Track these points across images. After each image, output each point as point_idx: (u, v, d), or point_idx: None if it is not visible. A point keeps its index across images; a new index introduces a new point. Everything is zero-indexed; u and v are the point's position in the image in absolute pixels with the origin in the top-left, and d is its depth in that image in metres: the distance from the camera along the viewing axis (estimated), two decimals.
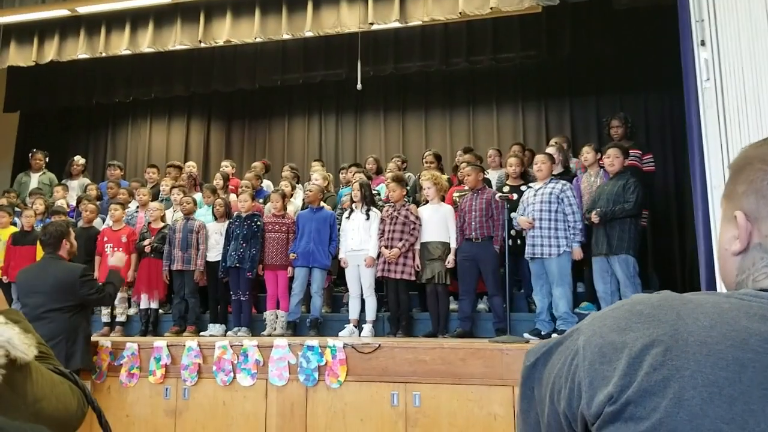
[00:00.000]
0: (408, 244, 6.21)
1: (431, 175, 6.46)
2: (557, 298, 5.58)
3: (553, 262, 5.62)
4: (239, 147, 11.27)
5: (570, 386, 0.94)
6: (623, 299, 1.01)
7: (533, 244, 5.73)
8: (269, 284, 6.74)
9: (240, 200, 6.96)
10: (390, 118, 10.52)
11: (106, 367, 5.73)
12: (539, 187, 5.85)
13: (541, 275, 5.73)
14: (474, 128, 10.04)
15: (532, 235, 5.74)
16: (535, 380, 1.06)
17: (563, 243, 5.65)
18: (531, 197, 5.86)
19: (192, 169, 8.94)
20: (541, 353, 1.05)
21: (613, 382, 0.88)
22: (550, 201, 5.72)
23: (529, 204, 5.84)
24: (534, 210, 5.76)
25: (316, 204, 6.77)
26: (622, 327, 0.92)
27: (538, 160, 5.96)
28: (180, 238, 6.99)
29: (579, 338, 0.97)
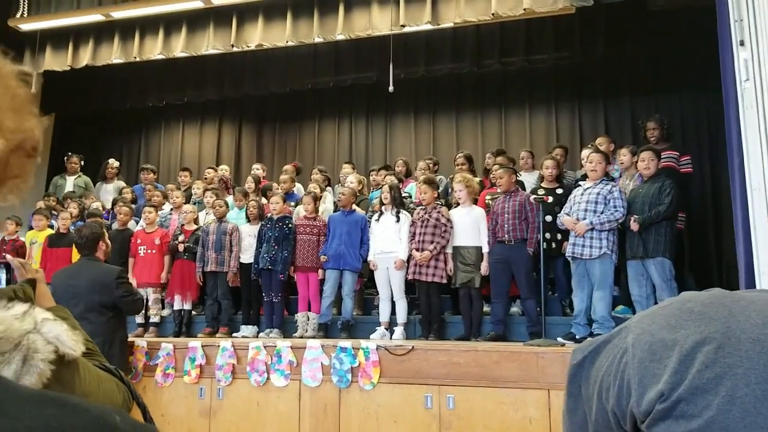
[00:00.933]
0: (439, 246, 6.22)
1: (463, 177, 6.47)
2: (597, 301, 5.54)
3: (596, 264, 5.59)
4: (270, 150, 11.37)
5: (619, 384, 0.95)
6: (671, 297, 1.01)
7: (575, 243, 5.71)
8: (300, 286, 6.79)
9: (271, 203, 7.03)
10: (420, 121, 10.54)
11: (142, 367, 5.83)
12: (588, 187, 5.81)
13: (582, 277, 5.70)
14: (506, 130, 10.01)
15: (575, 234, 5.71)
16: (582, 378, 1.06)
17: (605, 245, 5.61)
18: (578, 196, 5.83)
19: (224, 173, 9.05)
20: (589, 351, 1.05)
21: (664, 380, 0.88)
22: (596, 201, 5.69)
23: (575, 203, 5.81)
24: (579, 209, 5.73)
25: (349, 207, 6.81)
26: (673, 324, 0.92)
27: (594, 160, 5.91)
28: (213, 240, 7.07)
29: (628, 336, 0.97)
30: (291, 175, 8.39)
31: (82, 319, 4.77)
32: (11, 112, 0.60)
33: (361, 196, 7.72)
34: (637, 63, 9.02)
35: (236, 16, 7.81)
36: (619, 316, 5.88)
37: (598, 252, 5.59)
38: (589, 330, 5.63)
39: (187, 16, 7.98)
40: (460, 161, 7.83)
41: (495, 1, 6.58)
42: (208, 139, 11.55)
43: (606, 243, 5.60)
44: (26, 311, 1.27)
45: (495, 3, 6.57)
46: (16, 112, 0.61)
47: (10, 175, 0.59)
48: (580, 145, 9.06)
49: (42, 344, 1.25)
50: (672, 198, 5.57)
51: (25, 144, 0.61)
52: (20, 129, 0.60)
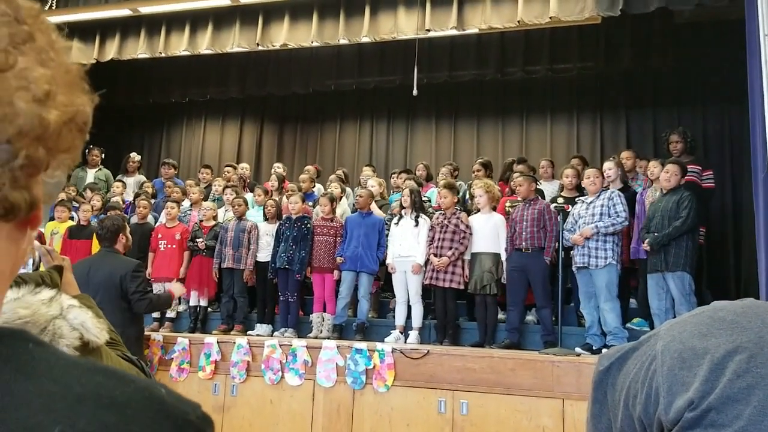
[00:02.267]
0: (457, 252, 6.22)
1: (484, 183, 6.48)
2: (605, 312, 5.54)
3: (599, 274, 5.60)
4: (291, 150, 11.43)
5: (647, 391, 0.95)
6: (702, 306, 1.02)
7: (583, 253, 5.74)
8: (316, 287, 6.83)
9: (290, 202, 7.06)
10: (441, 126, 10.56)
11: (157, 360, 5.89)
12: (590, 201, 5.84)
13: (588, 288, 5.70)
14: (527, 139, 10.01)
15: (583, 245, 5.72)
16: (608, 385, 1.06)
17: (610, 255, 5.62)
18: (582, 211, 5.86)
19: (245, 171, 9.11)
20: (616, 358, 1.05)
21: (694, 388, 0.88)
22: (601, 213, 5.73)
23: (580, 217, 5.83)
24: (585, 223, 5.75)
25: (366, 209, 6.83)
26: (704, 333, 0.92)
27: (591, 174, 5.95)
28: (231, 237, 7.12)
29: (657, 343, 0.97)
30: (311, 175, 8.43)
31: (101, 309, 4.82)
32: (64, 86, 0.62)
33: (382, 200, 7.74)
34: (661, 75, 8.99)
35: (262, 14, 7.86)
36: (635, 328, 5.86)
37: (604, 262, 5.60)
38: (605, 341, 5.61)
39: (214, 13, 8.04)
40: (476, 168, 7.82)
41: (521, 9, 6.58)
42: (229, 136, 11.63)
43: (611, 253, 5.63)
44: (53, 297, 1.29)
45: (521, 10, 6.58)
46: (68, 86, 0.62)
47: (62, 149, 0.61)
48: (600, 156, 9.04)
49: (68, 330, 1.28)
50: (689, 212, 5.54)
51: (77, 118, 0.62)
52: (73, 103, 0.62)
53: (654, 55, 8.51)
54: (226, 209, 7.91)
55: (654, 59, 8.55)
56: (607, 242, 5.65)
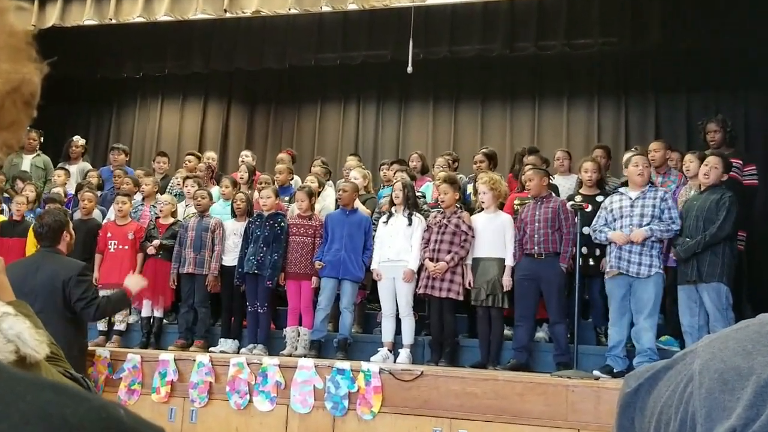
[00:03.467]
0: (457, 257, 6.24)
1: (489, 177, 6.48)
2: (642, 330, 5.53)
3: (644, 285, 5.59)
4: (263, 136, 11.41)
5: (681, 417, 0.95)
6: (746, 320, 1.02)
7: (620, 257, 5.72)
8: (291, 296, 6.81)
9: (262, 196, 7.05)
10: (440, 109, 10.57)
11: (104, 380, 5.86)
12: (637, 196, 5.83)
13: (624, 300, 5.70)
14: (539, 126, 10.04)
15: (624, 247, 5.72)
16: (636, 409, 1.07)
17: (657, 263, 5.62)
18: (627, 207, 5.83)
19: (211, 161, 9.09)
20: (645, 378, 1.05)
21: (737, 414, 0.88)
22: (652, 214, 5.71)
23: (624, 215, 5.81)
24: (632, 224, 5.73)
25: (350, 205, 6.83)
26: (749, 350, 0.92)
27: (639, 163, 5.93)
28: (193, 237, 7.11)
29: (694, 362, 0.97)
30: (288, 165, 8.40)
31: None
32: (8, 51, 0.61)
33: (367, 195, 7.75)
34: (696, 55, 9.02)
35: None
36: (664, 347, 5.88)
37: (649, 270, 5.59)
38: (628, 363, 5.63)
39: None
40: (478, 159, 7.85)
41: None
42: (190, 118, 11.59)
43: (657, 261, 5.63)
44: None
45: None
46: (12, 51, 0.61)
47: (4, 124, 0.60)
48: (625, 147, 9.08)
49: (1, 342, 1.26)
50: (728, 215, 5.54)
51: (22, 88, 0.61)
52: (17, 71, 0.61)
53: (688, 31, 8.54)
54: (186, 204, 7.89)
55: (688, 36, 8.58)
56: (654, 248, 5.67)
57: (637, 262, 5.64)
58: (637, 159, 6.01)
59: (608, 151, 7.91)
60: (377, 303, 7.08)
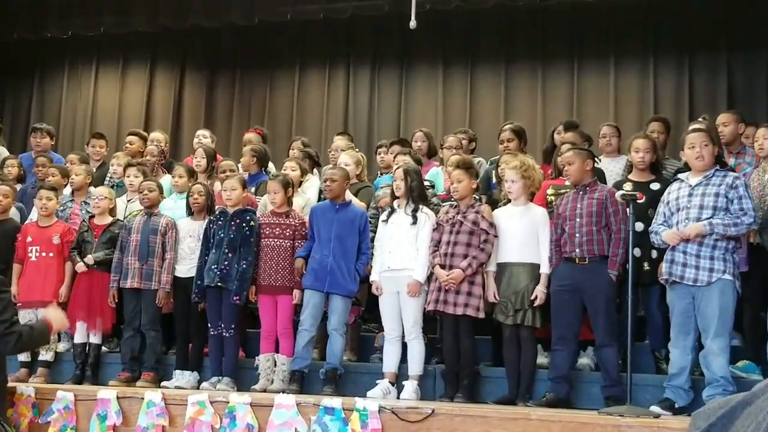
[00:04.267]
0: (476, 263, 6.21)
1: (519, 161, 6.42)
2: (711, 353, 5.46)
3: (707, 295, 5.53)
4: (225, 110, 11.43)
5: None
6: None
7: (674, 260, 5.66)
8: (265, 315, 6.80)
9: (225, 188, 7.00)
10: (452, 74, 10.57)
11: (27, 425, 5.83)
12: (698, 182, 5.78)
13: (686, 314, 5.66)
14: (579, 93, 10.04)
15: (677, 248, 5.68)
16: None
17: (722, 267, 5.54)
18: (684, 197, 5.77)
19: (162, 145, 9.06)
20: (718, 417, 1.06)
21: None
22: (715, 206, 5.61)
23: (681, 207, 5.76)
24: (689, 217, 5.66)
25: (340, 198, 6.80)
26: None
27: (696, 142, 5.86)
28: (137, 241, 7.08)
29: None
30: (254, 147, 8.36)
31: None
32: None
33: (361, 184, 7.72)
34: None
35: None
36: (742, 375, 5.86)
37: (713, 275, 5.54)
38: (694, 396, 5.61)
39: None
40: (505, 136, 7.82)
41: None
42: (133, 90, 11.60)
43: (728, 264, 5.56)
44: None
45: None
46: None
47: None
48: (689, 118, 9.06)
49: None
50: None
51: None
52: None
53: None
54: (128, 199, 7.87)
55: None
56: (718, 247, 5.57)
57: (695, 265, 5.56)
58: (693, 138, 5.89)
59: (667, 125, 7.88)
60: (376, 323, 7.07)
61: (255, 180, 7.95)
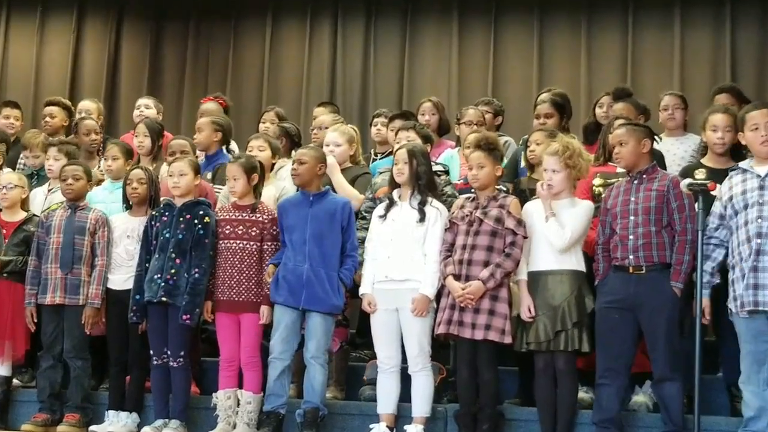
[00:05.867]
0: (501, 273, 6.18)
1: (562, 145, 6.34)
2: None
3: None
4: (175, 72, 11.43)
5: None
6: None
7: (758, 284, 5.64)
8: (225, 339, 6.81)
9: (173, 173, 6.99)
10: (470, 26, 10.59)
11: None
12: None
13: (759, 339, 5.67)
14: (634, 51, 10.06)
15: (757, 266, 5.65)
16: None
17: None
18: (753, 192, 5.77)
19: (91, 116, 9.02)
20: None
21: None
22: None
23: (751, 204, 5.75)
24: (763, 215, 5.66)
25: (313, 186, 6.79)
26: None
27: (760, 122, 5.85)
28: (59, 243, 7.08)
29: None
30: (214, 120, 8.33)
31: None
32: None
33: (356, 169, 7.72)
34: None
35: None
36: None
37: None
38: None
39: None
40: (543, 110, 7.82)
41: None
42: (54, 45, 11.61)
43: None
44: None
45: None
46: None
47: None
48: None
49: None
50: None
51: None
52: None
53: None
54: (49, 188, 7.89)
55: None
56: None
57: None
58: (754, 116, 5.91)
59: (740, 97, 7.84)
60: (369, 349, 7.05)
61: (212, 163, 7.93)
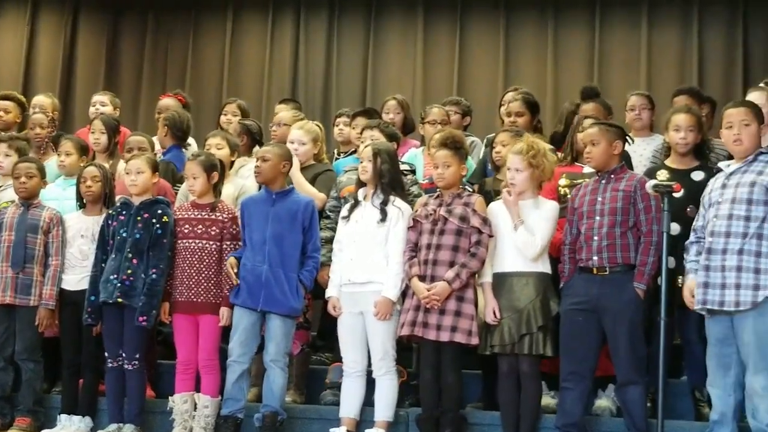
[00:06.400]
0: (466, 273, 6.21)
1: (527, 144, 6.37)
2: (755, 394, 5.51)
3: (745, 321, 5.56)
4: (133, 68, 11.39)
5: None
6: None
7: (709, 282, 5.69)
8: (182, 341, 6.81)
9: (129, 170, 6.98)
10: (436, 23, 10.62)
11: None
12: (735, 169, 5.82)
13: (725, 346, 5.70)
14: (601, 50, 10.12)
15: (708, 265, 5.71)
16: None
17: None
18: (717, 189, 5.81)
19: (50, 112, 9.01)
20: None
21: None
22: (750, 198, 5.63)
23: (714, 202, 5.78)
24: (718, 215, 5.68)
25: (276, 184, 6.81)
26: None
27: (734, 120, 5.91)
28: (11, 242, 7.08)
29: None
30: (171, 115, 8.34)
31: None
32: None
33: (319, 167, 7.72)
34: None
35: None
36: None
37: (755, 296, 5.55)
38: None
39: None
40: (515, 108, 7.86)
41: None
42: (7, 38, 11.56)
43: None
44: None
45: None
46: None
47: None
48: (743, 84, 9.15)
49: None
50: None
51: None
52: None
53: None
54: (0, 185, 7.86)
55: None
56: (760, 258, 5.54)
57: (735, 284, 5.59)
58: (730, 114, 5.92)
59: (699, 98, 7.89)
60: (331, 352, 7.08)
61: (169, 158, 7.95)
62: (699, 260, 5.76)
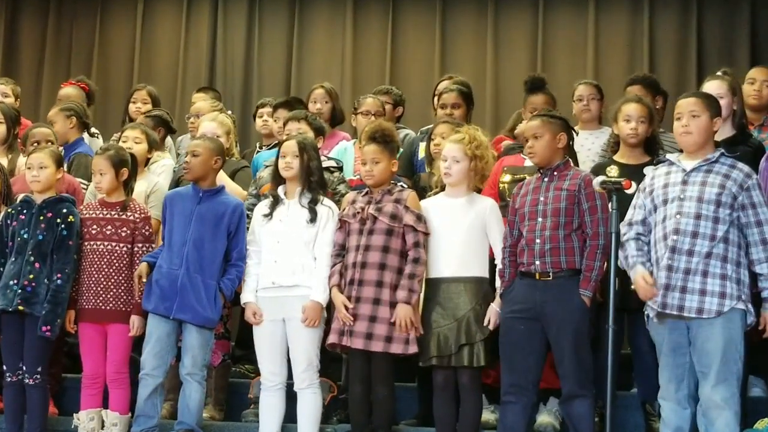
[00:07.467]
0: (417, 282, 6.22)
1: (467, 134, 6.44)
2: (713, 407, 5.58)
3: (708, 330, 5.63)
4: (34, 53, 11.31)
5: None
6: None
7: (669, 284, 5.73)
8: (89, 353, 6.78)
9: (31, 165, 6.94)
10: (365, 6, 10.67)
11: None
12: (696, 166, 5.87)
13: (679, 356, 5.77)
14: (545, 36, 10.17)
15: (671, 265, 5.77)
16: None
17: (735, 290, 5.65)
18: (677, 186, 5.84)
19: None
20: None
21: None
22: (719, 200, 5.70)
23: (674, 198, 5.82)
24: (683, 211, 5.71)
25: (206, 182, 6.79)
26: None
27: (683, 111, 5.95)
28: None
29: None
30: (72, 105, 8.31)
31: None
32: None
33: (234, 164, 7.74)
34: None
35: None
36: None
37: (721, 305, 5.63)
38: None
39: None
40: (450, 100, 7.89)
41: None
42: None
43: (737, 287, 5.64)
44: None
45: None
46: None
47: None
48: (698, 74, 9.25)
49: None
50: None
51: None
52: None
53: None
54: None
55: None
56: (729, 261, 5.64)
57: (700, 290, 5.67)
58: (680, 104, 5.95)
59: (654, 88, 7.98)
60: (251, 363, 7.08)
61: (69, 153, 7.92)
62: (641, 255, 5.83)
